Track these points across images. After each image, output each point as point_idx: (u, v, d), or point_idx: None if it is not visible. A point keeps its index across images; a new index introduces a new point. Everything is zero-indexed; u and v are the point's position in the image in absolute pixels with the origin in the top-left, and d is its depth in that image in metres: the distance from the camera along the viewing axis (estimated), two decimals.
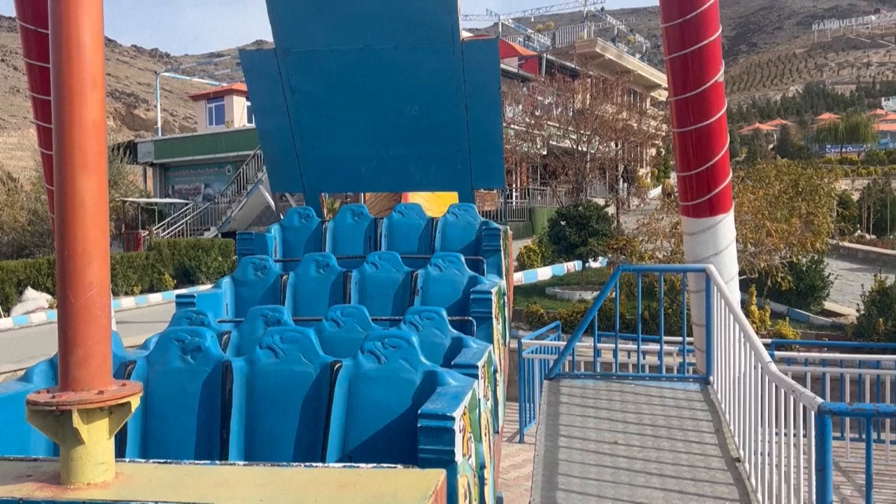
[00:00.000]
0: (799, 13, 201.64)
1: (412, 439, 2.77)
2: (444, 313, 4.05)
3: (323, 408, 3.24)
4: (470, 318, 4.58)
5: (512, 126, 29.99)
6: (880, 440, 8.14)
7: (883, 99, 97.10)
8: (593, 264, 19.27)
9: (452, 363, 3.53)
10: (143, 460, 2.30)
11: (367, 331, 3.79)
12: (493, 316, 4.68)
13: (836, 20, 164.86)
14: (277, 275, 5.15)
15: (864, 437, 7.81)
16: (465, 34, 6.08)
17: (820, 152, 54.60)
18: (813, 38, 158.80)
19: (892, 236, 26.93)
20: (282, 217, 6.36)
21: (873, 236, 26.95)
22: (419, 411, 2.71)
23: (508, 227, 6.32)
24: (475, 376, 3.37)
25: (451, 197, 6.70)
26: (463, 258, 5.08)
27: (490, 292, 4.66)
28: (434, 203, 7.61)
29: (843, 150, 55.23)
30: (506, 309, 5.59)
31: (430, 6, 5.63)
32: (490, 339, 4.51)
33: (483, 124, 6.18)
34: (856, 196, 29.36)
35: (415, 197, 7.72)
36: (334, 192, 13.91)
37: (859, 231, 27.28)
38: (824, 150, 56.27)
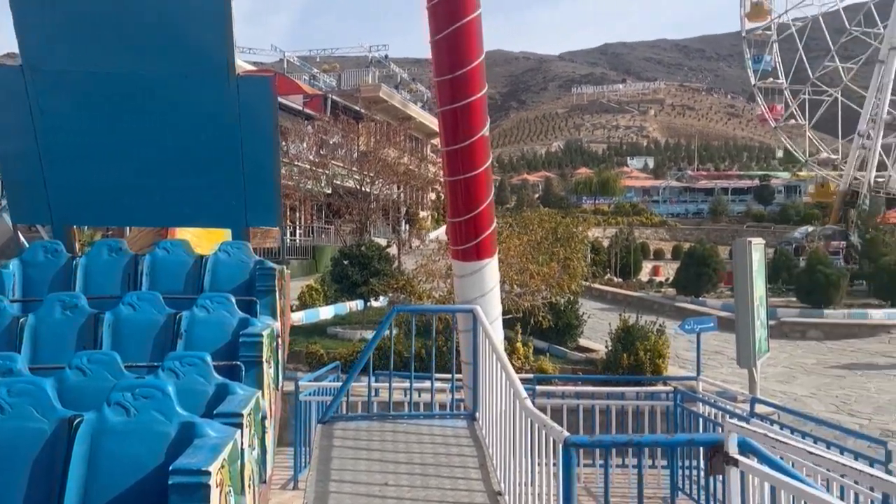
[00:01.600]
0: (561, 77, 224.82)
1: (165, 497, 2.58)
2: (209, 358, 3.85)
3: (59, 468, 2.90)
4: (238, 362, 4.39)
5: (296, 163, 29.71)
6: (624, 465, 9.01)
7: (629, 158, 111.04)
8: (375, 303, 19.49)
9: (214, 412, 3.35)
10: None
11: (119, 380, 3.47)
12: (264, 360, 4.53)
13: (591, 86, 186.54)
14: (13, 317, 4.57)
15: (614, 464, 8.66)
16: (248, 67, 5.97)
17: (577, 203, 60.77)
18: (572, 100, 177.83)
19: (634, 279, 30.53)
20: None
21: (620, 279, 30.33)
22: (170, 467, 2.54)
23: (285, 267, 6.19)
24: (238, 425, 3.22)
25: (224, 234, 6.43)
26: (233, 299, 4.88)
27: (261, 335, 4.52)
28: (204, 240, 7.24)
29: (597, 201, 61.95)
30: (280, 351, 5.44)
31: (202, 36, 5.45)
32: (259, 385, 4.36)
33: (258, 160, 6.05)
34: (606, 243, 32.98)
35: (183, 233, 7.30)
36: (92, 226, 12.71)
37: (608, 274, 30.57)
38: (581, 200, 62.71)
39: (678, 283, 25.65)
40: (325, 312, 19.11)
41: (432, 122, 50.81)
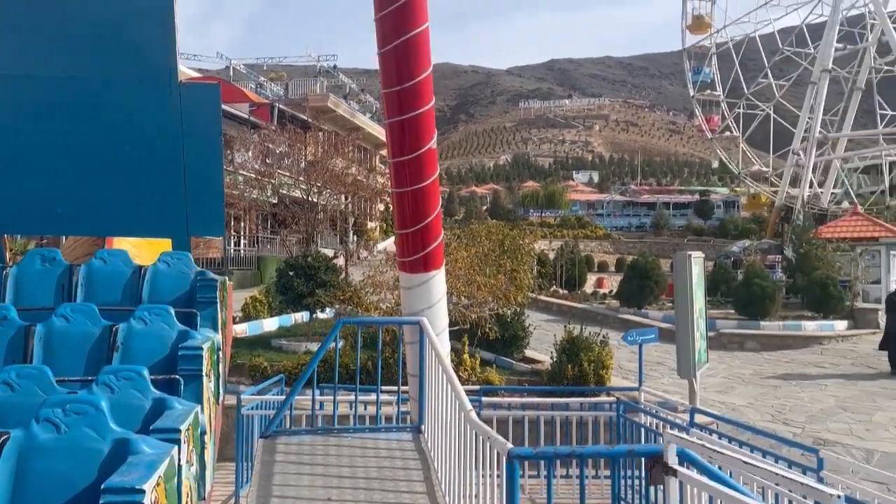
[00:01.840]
0: (509, 91, 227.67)
1: None
2: (146, 372, 3.73)
3: None
4: (177, 376, 4.28)
5: (241, 172, 29.24)
6: (568, 475, 9.10)
7: (574, 172, 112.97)
8: (321, 315, 19.28)
9: (151, 428, 3.25)
10: None
11: (50, 395, 3.34)
12: (204, 373, 4.42)
13: (539, 101, 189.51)
14: None
15: (559, 474, 8.74)
16: (193, 74, 5.86)
17: (525, 215, 61.44)
18: (520, 114, 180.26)
19: (579, 291, 30.99)
20: None
21: (565, 291, 30.74)
22: (102, 486, 2.45)
23: (227, 278, 6.07)
24: (176, 441, 3.13)
25: (165, 244, 6.27)
26: (173, 311, 4.76)
27: (201, 348, 4.41)
28: (144, 250, 7.05)
29: (543, 214, 62.76)
30: (221, 364, 5.32)
31: (145, 42, 5.34)
32: (199, 399, 4.25)
33: (202, 169, 5.94)
34: (552, 255, 33.41)
35: (121, 242, 7.09)
36: (25, 234, 12.24)
37: (554, 286, 30.94)
38: (528, 213, 63.41)
39: (621, 294, 26.12)
40: (270, 324, 18.79)
41: (381, 133, 50.76)
